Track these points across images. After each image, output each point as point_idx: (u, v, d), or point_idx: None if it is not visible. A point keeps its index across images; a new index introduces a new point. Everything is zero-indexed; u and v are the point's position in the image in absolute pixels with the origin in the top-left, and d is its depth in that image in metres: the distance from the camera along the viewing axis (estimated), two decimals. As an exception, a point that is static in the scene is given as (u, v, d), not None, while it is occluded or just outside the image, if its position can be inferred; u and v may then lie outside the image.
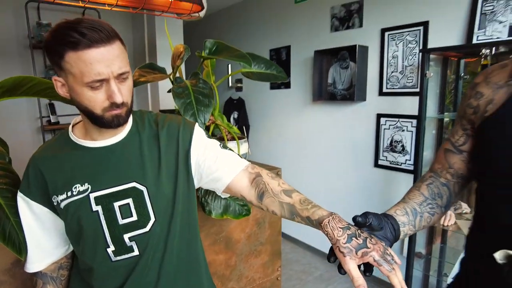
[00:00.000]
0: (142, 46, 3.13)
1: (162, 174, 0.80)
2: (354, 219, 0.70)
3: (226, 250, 1.41)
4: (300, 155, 3.14)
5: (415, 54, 2.18)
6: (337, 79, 2.65)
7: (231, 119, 3.65)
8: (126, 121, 0.77)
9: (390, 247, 0.72)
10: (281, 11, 3.11)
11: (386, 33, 2.32)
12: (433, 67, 2.00)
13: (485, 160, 0.75)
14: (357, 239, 0.67)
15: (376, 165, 2.51)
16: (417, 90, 2.14)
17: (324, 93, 2.76)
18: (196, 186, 0.87)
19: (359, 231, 0.69)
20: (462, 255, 0.87)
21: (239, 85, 3.73)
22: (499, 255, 0.61)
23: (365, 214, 0.72)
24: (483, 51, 1.72)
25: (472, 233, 0.84)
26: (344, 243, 0.66)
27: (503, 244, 0.65)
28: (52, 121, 2.86)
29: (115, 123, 0.74)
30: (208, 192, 1.21)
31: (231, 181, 0.84)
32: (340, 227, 0.68)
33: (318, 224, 0.72)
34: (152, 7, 1.66)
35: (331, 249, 0.70)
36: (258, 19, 3.39)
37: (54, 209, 0.78)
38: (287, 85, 3.15)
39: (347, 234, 0.67)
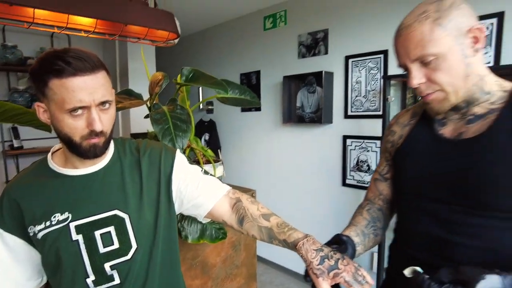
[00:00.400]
0: (113, 70, 3.10)
1: (144, 200, 0.81)
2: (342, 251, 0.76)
3: (202, 275, 1.40)
4: (271, 175, 3.19)
5: (377, 80, 2.35)
6: (305, 102, 2.77)
7: (202, 141, 3.65)
8: (103, 153, 0.77)
9: None
10: (251, 37, 3.22)
11: (350, 60, 2.48)
12: (394, 91, 2.16)
13: (396, 188, 0.91)
14: (329, 260, 0.71)
15: (344, 184, 2.61)
16: (380, 113, 2.29)
17: (293, 116, 2.86)
18: (177, 212, 0.88)
19: (331, 252, 0.73)
20: (386, 265, 0.97)
21: (210, 107, 3.76)
22: (407, 272, 0.70)
23: (339, 239, 0.77)
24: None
25: (391, 247, 0.94)
26: (317, 265, 0.71)
27: (412, 264, 0.74)
28: (15, 145, 2.69)
29: (92, 153, 0.74)
30: (184, 217, 1.22)
31: (213, 206, 0.86)
32: (313, 249, 0.73)
33: (293, 246, 0.76)
34: (128, 34, 1.68)
35: (307, 270, 0.74)
36: (228, 44, 3.48)
37: (30, 240, 0.76)
38: (258, 108, 3.24)
39: (320, 256, 0.72)
